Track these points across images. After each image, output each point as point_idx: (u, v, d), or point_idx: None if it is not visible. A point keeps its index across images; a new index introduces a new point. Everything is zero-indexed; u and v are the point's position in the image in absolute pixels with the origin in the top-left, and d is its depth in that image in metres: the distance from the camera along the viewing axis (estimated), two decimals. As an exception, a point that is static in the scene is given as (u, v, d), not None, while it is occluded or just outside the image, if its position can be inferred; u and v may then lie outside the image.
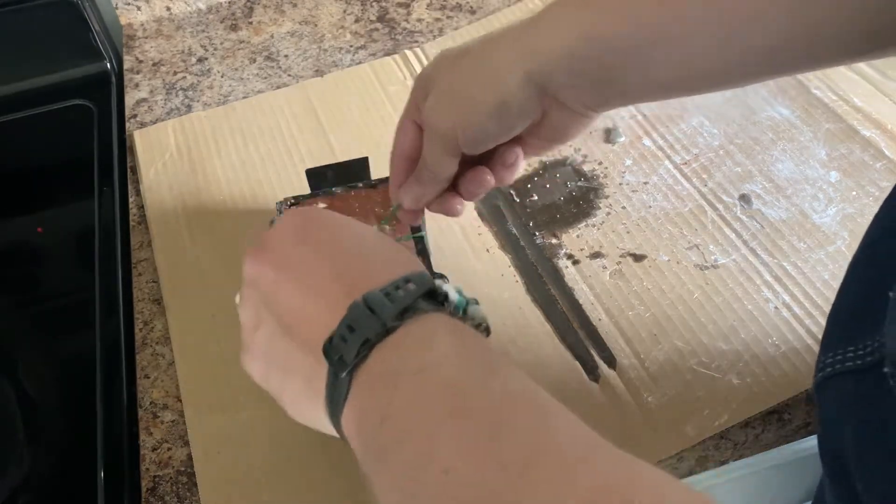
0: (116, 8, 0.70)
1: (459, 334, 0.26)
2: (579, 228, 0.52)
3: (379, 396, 0.25)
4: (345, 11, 0.71)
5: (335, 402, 0.26)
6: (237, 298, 0.33)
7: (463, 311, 0.28)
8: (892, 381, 0.28)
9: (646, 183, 0.54)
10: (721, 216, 0.52)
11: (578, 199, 0.54)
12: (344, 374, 0.26)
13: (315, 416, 0.28)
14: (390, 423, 0.24)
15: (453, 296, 0.27)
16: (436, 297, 0.27)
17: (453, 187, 0.38)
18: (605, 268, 0.49)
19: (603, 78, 0.32)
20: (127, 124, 0.61)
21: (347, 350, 0.25)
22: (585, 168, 0.56)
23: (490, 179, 0.37)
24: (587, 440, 0.22)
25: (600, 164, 0.56)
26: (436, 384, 0.24)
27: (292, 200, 0.44)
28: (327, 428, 0.28)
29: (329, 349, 0.26)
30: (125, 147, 0.60)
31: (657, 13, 0.30)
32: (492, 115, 0.33)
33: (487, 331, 0.29)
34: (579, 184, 0.55)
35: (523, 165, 0.38)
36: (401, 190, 0.38)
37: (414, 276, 0.27)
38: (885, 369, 0.29)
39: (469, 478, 0.21)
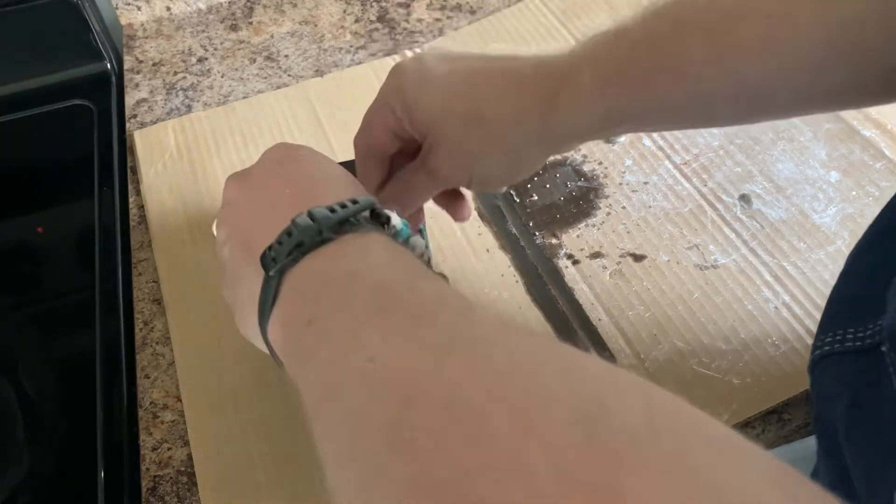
0: (116, 8, 0.70)
1: (394, 249, 0.27)
2: (579, 228, 0.52)
3: (307, 300, 0.25)
4: (345, 11, 0.71)
5: (264, 306, 0.27)
6: (214, 227, 0.35)
7: (405, 240, 0.28)
8: (889, 360, 0.29)
9: (646, 183, 0.54)
10: (721, 216, 0.52)
11: (578, 199, 0.54)
12: (272, 273, 0.26)
13: (253, 328, 0.28)
14: (317, 323, 0.24)
15: (395, 220, 0.28)
16: (378, 220, 0.28)
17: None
18: (605, 268, 0.49)
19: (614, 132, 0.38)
20: (127, 124, 0.61)
21: (280, 252, 0.26)
22: (585, 168, 0.56)
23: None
24: (502, 327, 0.22)
25: (600, 164, 0.56)
26: (365, 287, 0.24)
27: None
28: (261, 341, 0.28)
29: (266, 254, 0.27)
30: (125, 147, 0.60)
31: (681, 88, 0.32)
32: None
33: (428, 262, 0.29)
34: (579, 184, 0.55)
35: None
36: (383, 197, 0.39)
37: (361, 199, 0.27)
38: (884, 348, 0.29)
39: (392, 363, 0.21)
